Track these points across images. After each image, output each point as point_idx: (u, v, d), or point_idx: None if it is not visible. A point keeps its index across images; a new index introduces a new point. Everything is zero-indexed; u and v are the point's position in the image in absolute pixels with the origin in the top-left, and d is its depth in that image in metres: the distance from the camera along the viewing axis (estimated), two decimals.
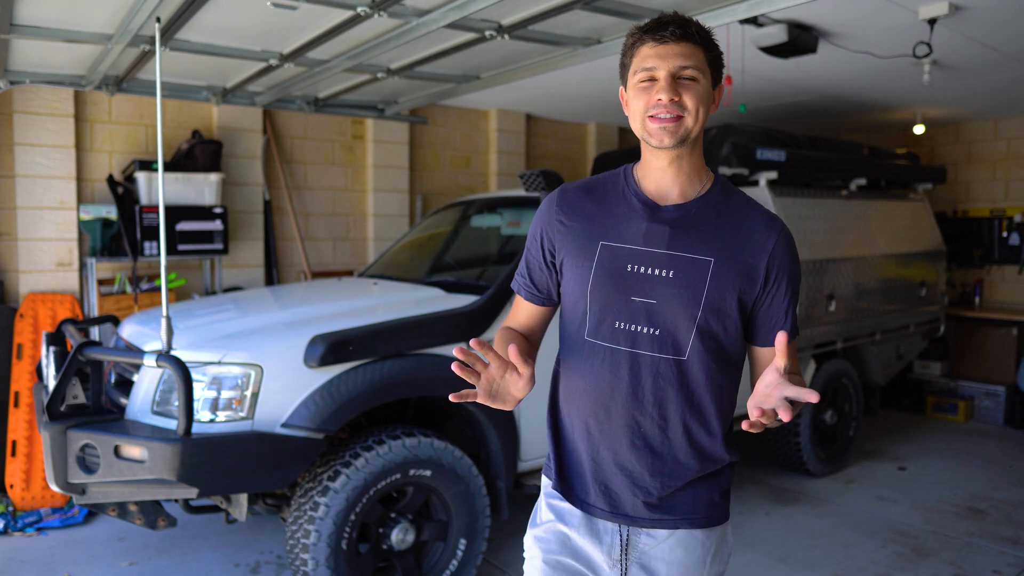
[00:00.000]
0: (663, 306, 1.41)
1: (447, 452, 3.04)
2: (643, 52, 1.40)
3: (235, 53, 3.87)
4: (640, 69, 1.39)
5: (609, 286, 1.44)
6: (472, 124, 6.27)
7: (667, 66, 1.37)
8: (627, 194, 1.49)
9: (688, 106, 1.38)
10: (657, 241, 1.42)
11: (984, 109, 6.20)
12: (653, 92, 1.38)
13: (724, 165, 4.34)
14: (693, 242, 1.42)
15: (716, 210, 1.46)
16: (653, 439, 1.46)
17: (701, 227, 1.43)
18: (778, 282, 1.45)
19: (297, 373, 2.81)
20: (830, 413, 4.92)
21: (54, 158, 4.47)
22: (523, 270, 1.60)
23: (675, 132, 1.38)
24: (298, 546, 2.81)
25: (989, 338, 6.35)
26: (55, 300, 4.43)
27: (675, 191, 1.46)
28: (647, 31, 1.39)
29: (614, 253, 1.44)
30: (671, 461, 1.46)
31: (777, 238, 1.45)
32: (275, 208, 5.39)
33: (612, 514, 1.49)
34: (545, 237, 1.54)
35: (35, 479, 4.14)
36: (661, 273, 1.41)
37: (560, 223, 1.51)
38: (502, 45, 3.79)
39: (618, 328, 1.44)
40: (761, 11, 3.09)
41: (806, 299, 4.42)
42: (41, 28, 3.41)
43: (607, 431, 1.47)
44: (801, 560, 3.66)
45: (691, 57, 1.38)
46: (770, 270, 1.44)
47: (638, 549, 1.50)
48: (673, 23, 1.39)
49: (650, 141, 1.41)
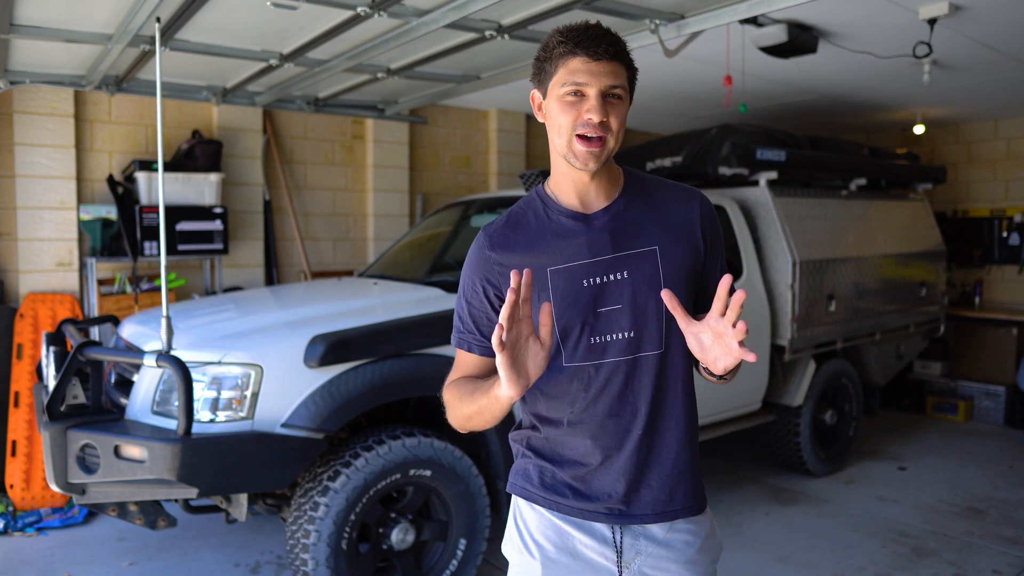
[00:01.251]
0: (629, 307, 1.42)
1: (447, 452, 3.04)
2: (573, 65, 1.36)
3: (235, 53, 3.87)
4: (569, 82, 1.37)
5: (573, 307, 1.43)
6: (472, 124, 6.27)
7: (598, 84, 1.35)
8: (551, 215, 1.48)
9: (613, 127, 1.38)
10: (601, 248, 1.43)
11: (984, 109, 6.20)
12: (582, 109, 1.36)
13: (724, 165, 4.34)
14: (633, 237, 1.45)
15: (640, 200, 1.49)
16: (651, 437, 1.47)
17: (634, 221, 1.46)
18: (714, 244, 1.52)
19: (297, 373, 2.81)
20: (830, 413, 4.91)
21: (54, 158, 4.47)
22: (468, 325, 1.52)
23: (599, 156, 1.39)
24: (298, 546, 2.81)
25: (989, 338, 6.35)
26: (55, 300, 4.43)
27: (598, 197, 1.47)
28: (579, 44, 1.36)
29: (564, 275, 1.43)
30: (668, 453, 1.48)
31: (700, 205, 1.51)
32: (275, 208, 5.39)
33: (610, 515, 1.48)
34: (488, 284, 1.49)
35: (35, 479, 4.14)
36: (616, 276, 1.43)
37: (499, 265, 1.48)
38: (502, 45, 3.79)
39: (595, 343, 1.43)
40: (761, 11, 3.09)
41: (806, 299, 4.42)
42: (41, 28, 3.41)
43: (607, 443, 1.46)
44: (801, 560, 3.66)
45: (619, 76, 1.38)
46: (705, 236, 1.50)
47: (640, 550, 1.49)
48: (605, 40, 1.36)
49: (574, 163, 1.40)
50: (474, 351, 1.53)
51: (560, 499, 1.50)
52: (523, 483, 1.55)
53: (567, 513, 1.50)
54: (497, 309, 1.49)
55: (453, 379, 1.55)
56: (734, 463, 5.12)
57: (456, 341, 1.56)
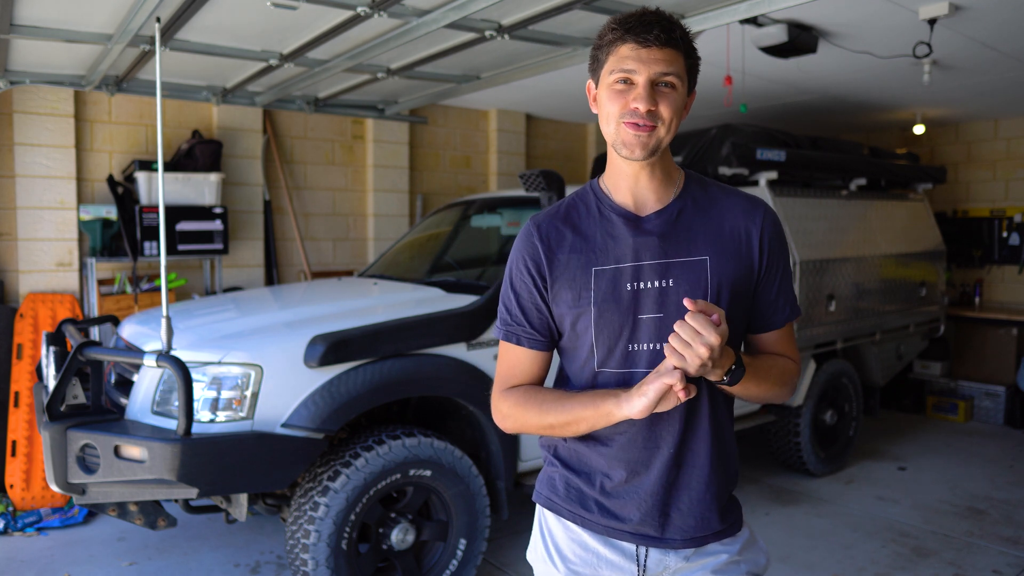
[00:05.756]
0: (672, 317, 1.33)
1: (447, 452, 3.04)
2: (622, 52, 1.32)
3: (235, 53, 3.87)
4: (618, 69, 1.32)
5: (613, 311, 1.37)
6: (472, 124, 6.27)
7: (647, 71, 1.30)
8: (603, 211, 1.43)
9: (664, 116, 1.32)
10: (648, 253, 1.37)
11: (984, 109, 6.20)
12: (629, 97, 1.32)
13: (724, 165, 4.34)
14: (684, 244, 1.38)
15: (697, 206, 1.42)
16: (683, 456, 1.40)
17: (687, 227, 1.40)
18: (773, 263, 1.43)
19: (297, 373, 2.81)
20: (830, 413, 4.91)
21: (54, 158, 4.47)
22: (515, 316, 1.46)
23: (647, 144, 1.33)
24: (298, 546, 2.81)
25: (989, 338, 6.34)
26: (55, 300, 4.43)
27: (652, 197, 1.41)
28: (630, 30, 1.31)
29: (608, 276, 1.38)
30: (701, 475, 1.41)
31: (763, 218, 1.42)
32: (275, 208, 5.39)
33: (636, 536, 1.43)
34: (536, 274, 1.43)
35: (35, 479, 4.14)
36: (661, 284, 1.36)
37: (548, 257, 1.42)
38: (502, 45, 3.79)
39: (632, 351, 1.37)
40: (761, 11, 3.09)
41: (806, 299, 4.42)
42: (41, 28, 3.41)
43: (636, 457, 1.40)
44: (801, 560, 3.66)
45: (672, 63, 1.31)
46: (763, 252, 1.41)
47: (667, 565, 1.44)
48: (658, 25, 1.31)
49: (621, 151, 1.35)
50: (523, 344, 1.46)
51: (586, 514, 1.45)
52: (549, 493, 1.52)
53: (592, 529, 1.45)
54: (546, 300, 1.43)
55: (511, 382, 1.48)
56: None
57: (503, 334, 1.48)
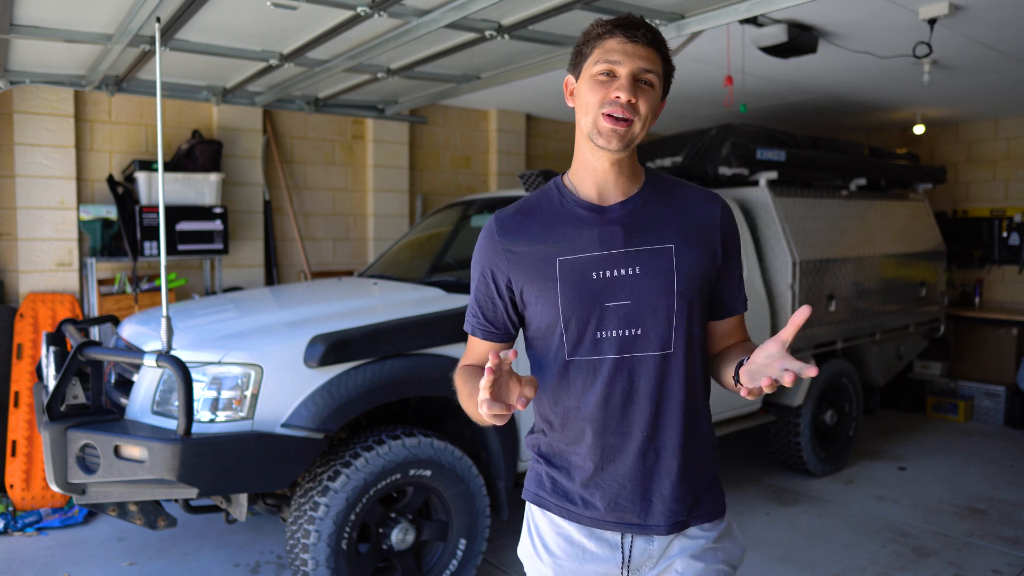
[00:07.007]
0: (639, 304, 1.39)
1: (447, 452, 3.04)
2: (609, 45, 1.37)
3: (235, 53, 3.87)
4: (603, 60, 1.36)
5: (580, 299, 1.40)
6: (472, 124, 6.27)
7: (631, 64, 1.35)
8: (567, 205, 1.46)
9: (641, 111, 1.36)
10: (613, 242, 1.41)
11: (984, 109, 6.20)
12: (611, 88, 1.36)
13: (724, 165, 4.34)
14: (648, 233, 1.42)
15: (659, 198, 1.47)
16: (657, 440, 1.44)
17: (651, 217, 1.44)
18: (731, 253, 1.49)
19: (297, 373, 2.81)
20: (830, 413, 4.91)
21: (54, 158, 4.47)
22: (474, 310, 1.54)
23: (623, 136, 1.37)
24: (298, 546, 2.81)
25: (989, 338, 6.35)
26: (55, 300, 4.43)
27: (617, 191, 1.45)
28: (618, 26, 1.37)
29: (574, 265, 1.41)
30: (677, 459, 1.44)
31: (721, 211, 1.48)
32: (275, 208, 5.39)
33: (620, 525, 1.46)
34: (496, 270, 1.48)
35: (35, 479, 4.14)
36: (627, 272, 1.40)
37: (508, 252, 1.46)
38: (502, 45, 3.79)
39: (600, 338, 1.41)
40: (761, 11, 3.09)
41: (806, 299, 4.41)
42: (41, 28, 3.41)
43: (610, 443, 1.44)
44: (801, 560, 3.66)
45: (654, 63, 1.37)
46: (723, 242, 1.47)
47: (651, 554, 1.47)
48: (645, 27, 1.38)
49: (597, 140, 1.38)
50: (477, 335, 1.55)
51: (572, 507, 1.49)
52: (536, 489, 1.55)
53: (577, 521, 1.49)
54: (503, 298, 1.50)
55: (464, 364, 1.56)
56: (734, 463, 5.12)
57: (466, 325, 1.57)
